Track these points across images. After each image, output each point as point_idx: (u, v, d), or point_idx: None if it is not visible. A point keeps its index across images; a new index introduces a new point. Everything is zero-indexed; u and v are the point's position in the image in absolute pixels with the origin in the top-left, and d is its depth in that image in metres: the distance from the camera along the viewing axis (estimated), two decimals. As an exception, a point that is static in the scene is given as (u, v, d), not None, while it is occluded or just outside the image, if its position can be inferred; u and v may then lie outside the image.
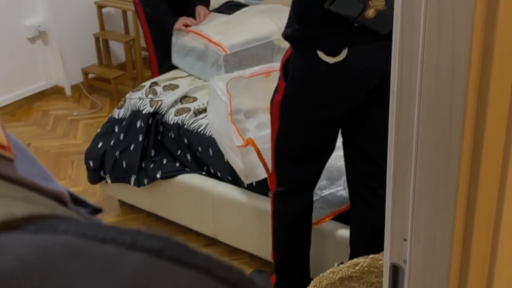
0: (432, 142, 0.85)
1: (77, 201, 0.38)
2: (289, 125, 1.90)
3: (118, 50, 4.42)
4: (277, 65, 2.62)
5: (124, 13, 4.26)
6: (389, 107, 0.89)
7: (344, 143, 1.98)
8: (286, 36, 1.81)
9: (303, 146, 1.92)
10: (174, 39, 3.08)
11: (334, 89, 1.80)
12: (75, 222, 0.29)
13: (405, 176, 0.89)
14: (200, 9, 3.26)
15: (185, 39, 3.03)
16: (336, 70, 1.74)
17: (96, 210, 0.39)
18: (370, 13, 1.66)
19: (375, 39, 1.72)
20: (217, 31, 2.95)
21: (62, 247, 0.25)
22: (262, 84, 2.55)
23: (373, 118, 1.85)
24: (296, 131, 1.90)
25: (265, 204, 2.30)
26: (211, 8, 3.63)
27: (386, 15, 1.67)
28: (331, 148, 1.96)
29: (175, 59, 3.11)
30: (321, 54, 1.73)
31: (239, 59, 2.82)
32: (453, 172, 0.86)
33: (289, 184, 2.01)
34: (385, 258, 1.01)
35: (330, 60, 1.73)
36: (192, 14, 3.17)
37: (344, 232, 2.18)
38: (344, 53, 1.73)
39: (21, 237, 0.26)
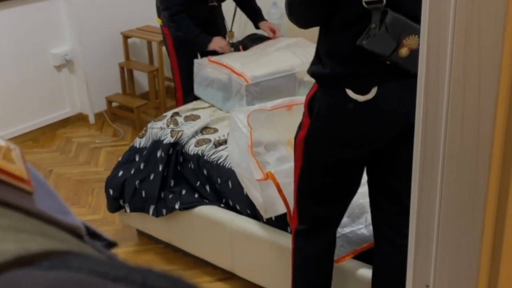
0: (457, 188, 0.82)
1: (93, 235, 0.39)
2: (313, 163, 1.85)
3: (142, 79, 4.47)
4: (299, 98, 2.62)
5: (149, 43, 4.32)
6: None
7: (369, 181, 1.93)
8: (312, 73, 1.78)
9: (327, 185, 1.87)
10: (196, 70, 3.11)
11: (361, 127, 1.75)
12: (89, 259, 0.30)
13: (429, 221, 0.87)
14: (267, 24, 3.32)
15: (207, 70, 3.06)
16: (365, 108, 1.70)
17: (111, 244, 0.40)
18: (404, 51, 1.63)
19: (405, 77, 1.68)
20: (240, 62, 2.96)
21: (74, 285, 0.26)
22: (284, 117, 2.54)
23: (402, 157, 1.81)
24: (320, 169, 1.85)
25: (284, 239, 2.27)
26: (235, 39, 3.67)
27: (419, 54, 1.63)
28: (356, 187, 1.91)
29: (197, 90, 3.13)
30: (349, 92, 1.69)
31: (261, 89, 2.82)
32: (478, 219, 0.83)
33: (312, 222, 1.97)
34: (406, 305, 0.97)
35: (359, 98, 1.69)
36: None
37: (365, 272, 2.14)
38: (373, 92, 1.69)
39: (35, 273, 0.26)
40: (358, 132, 1.77)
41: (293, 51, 3.04)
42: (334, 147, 1.80)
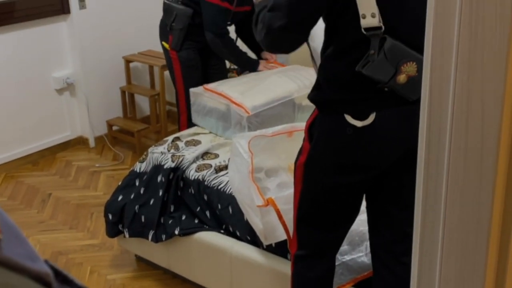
0: (460, 220, 0.82)
1: (65, 280, 0.39)
2: (312, 188, 1.85)
3: (143, 103, 4.48)
4: (300, 125, 2.61)
5: (151, 68, 4.34)
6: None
7: (368, 207, 1.93)
8: (312, 99, 1.79)
9: (326, 210, 1.87)
10: (192, 98, 3.09)
11: (360, 152, 1.76)
12: None
13: (432, 253, 0.86)
14: (267, 54, 3.43)
15: (204, 98, 3.02)
16: (363, 133, 1.71)
17: None
18: (402, 78, 1.64)
19: (404, 103, 1.69)
20: (237, 91, 2.93)
21: None
22: (285, 143, 2.54)
23: (402, 183, 1.81)
24: (320, 194, 1.85)
25: (284, 266, 2.25)
26: (232, 66, 3.70)
27: (417, 82, 1.64)
28: (355, 213, 1.91)
29: (196, 119, 3.10)
30: (348, 118, 1.70)
31: (262, 119, 2.79)
32: (481, 250, 0.82)
33: (311, 247, 1.96)
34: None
35: (358, 123, 1.70)
36: None
37: (364, 300, 2.11)
38: (372, 117, 1.69)
39: None
40: (357, 158, 1.77)
41: (288, 76, 3.04)
42: (334, 172, 1.80)
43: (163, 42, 3.39)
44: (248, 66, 3.32)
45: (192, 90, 3.10)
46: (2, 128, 3.88)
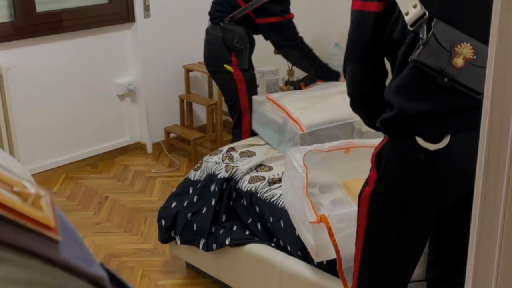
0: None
1: (120, 284, 0.39)
2: (380, 222, 1.70)
3: (200, 112, 4.54)
4: (357, 141, 2.58)
5: (210, 78, 4.39)
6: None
7: (432, 237, 1.82)
8: (381, 121, 1.65)
9: (396, 250, 1.72)
10: (254, 106, 3.13)
11: (434, 181, 1.61)
12: None
13: (486, 281, 0.82)
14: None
15: (265, 107, 3.06)
16: (437, 158, 1.57)
17: None
18: (459, 62, 1.52)
19: (478, 126, 1.58)
20: (298, 106, 2.90)
21: None
22: (341, 159, 2.51)
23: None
24: (388, 230, 1.70)
25: (334, 284, 2.22)
26: (294, 78, 3.69)
27: (477, 68, 1.51)
28: (421, 253, 1.76)
29: (255, 126, 3.15)
30: (420, 140, 1.57)
31: (315, 138, 2.73)
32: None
33: None
34: None
35: (430, 146, 1.57)
36: None
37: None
38: (446, 140, 1.56)
39: None
40: (431, 187, 1.63)
41: None
42: (405, 204, 1.65)
43: (226, 66, 3.27)
44: (329, 77, 3.24)
45: (255, 97, 3.15)
46: (65, 130, 4.01)
